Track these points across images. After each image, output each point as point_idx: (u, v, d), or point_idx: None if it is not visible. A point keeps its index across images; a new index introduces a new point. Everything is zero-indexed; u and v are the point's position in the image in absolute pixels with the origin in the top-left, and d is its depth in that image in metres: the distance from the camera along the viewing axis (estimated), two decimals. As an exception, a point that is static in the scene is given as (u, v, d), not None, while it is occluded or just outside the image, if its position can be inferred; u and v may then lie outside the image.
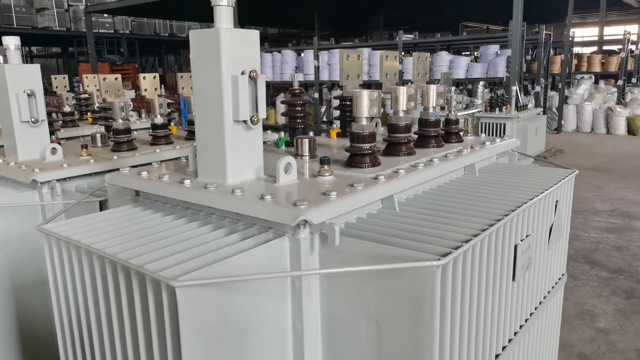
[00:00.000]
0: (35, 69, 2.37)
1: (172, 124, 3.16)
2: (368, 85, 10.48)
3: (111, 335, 1.36)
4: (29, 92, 2.33)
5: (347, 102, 2.47)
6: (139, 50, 19.94)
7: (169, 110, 2.82)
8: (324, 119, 12.33)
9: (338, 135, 2.53)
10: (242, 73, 1.48)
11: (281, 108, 11.26)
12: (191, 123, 2.99)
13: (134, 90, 5.14)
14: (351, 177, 1.60)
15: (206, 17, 17.34)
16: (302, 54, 12.48)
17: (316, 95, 11.91)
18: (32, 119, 2.35)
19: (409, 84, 2.31)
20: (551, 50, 13.66)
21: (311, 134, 2.27)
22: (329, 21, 16.64)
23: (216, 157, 1.55)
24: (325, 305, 1.41)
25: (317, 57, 11.71)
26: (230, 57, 1.46)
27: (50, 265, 1.50)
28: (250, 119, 1.52)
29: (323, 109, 12.41)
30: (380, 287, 1.29)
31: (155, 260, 1.22)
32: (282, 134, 2.35)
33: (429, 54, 2.22)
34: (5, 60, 2.38)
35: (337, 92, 10.91)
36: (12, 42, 2.32)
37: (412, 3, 14.54)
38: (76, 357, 1.52)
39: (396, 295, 1.26)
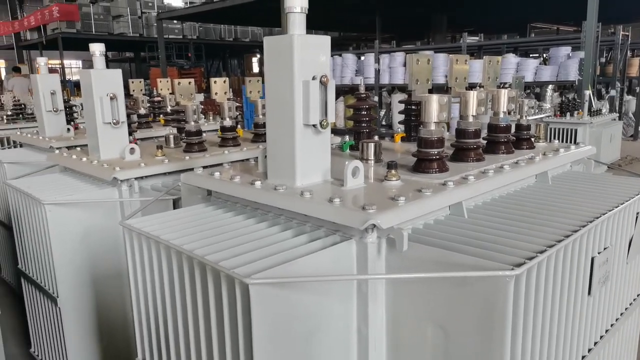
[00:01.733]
0: (117, 73, 2.54)
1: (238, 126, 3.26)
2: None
3: (185, 326, 1.44)
4: (111, 95, 2.49)
5: (412, 107, 2.45)
6: (205, 54, 20.76)
7: (237, 113, 2.92)
8: (383, 123, 12.24)
9: (402, 139, 2.52)
10: (313, 78, 1.52)
11: (340, 111, 11.31)
12: (257, 126, 3.08)
13: (202, 94, 5.35)
14: (418, 183, 1.59)
15: (269, 22, 17.75)
16: (363, 57, 12.47)
17: (376, 98, 11.86)
18: (114, 121, 2.52)
19: (477, 88, 2.25)
20: (628, 52, 12.83)
21: (376, 138, 2.28)
22: (390, 24, 16.50)
23: (286, 159, 1.59)
24: (391, 310, 1.41)
25: (377, 61, 11.66)
26: (302, 62, 1.50)
27: (130, 258, 1.59)
28: (320, 123, 1.55)
29: (382, 113, 12.34)
30: (448, 295, 1.27)
31: (229, 257, 1.27)
32: (347, 137, 2.37)
33: (499, 57, 2.16)
34: (88, 65, 2.56)
35: (397, 96, 10.81)
36: (97, 49, 2.50)
37: (477, 4, 14.16)
38: (152, 346, 1.61)
39: (465, 304, 1.24)
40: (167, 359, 1.55)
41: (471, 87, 2.01)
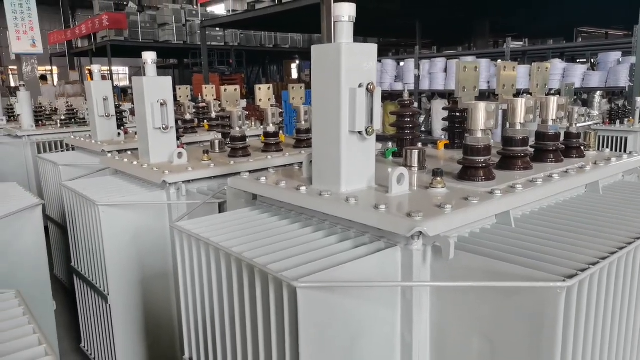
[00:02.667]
0: (167, 81, 2.63)
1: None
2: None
3: (232, 327, 1.48)
4: (161, 101, 2.59)
5: (457, 114, 2.43)
6: (245, 61, 21.17)
7: (280, 119, 2.97)
8: (423, 129, 12.12)
9: (446, 146, 2.50)
10: (360, 85, 1.53)
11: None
12: (299, 132, 3.12)
13: (244, 100, 5.46)
14: (465, 191, 1.58)
15: (309, 29, 17.93)
16: (402, 63, 12.40)
17: (415, 105, 11.75)
18: (163, 126, 2.61)
19: (523, 94, 2.21)
20: (685, 56, 12.19)
21: (419, 145, 2.27)
22: (430, 29, 16.33)
23: (331, 166, 1.61)
24: (436, 318, 1.40)
25: (417, 66, 11.56)
26: (349, 70, 1.52)
27: (180, 259, 1.65)
28: (366, 130, 1.57)
29: (422, 119, 12.22)
30: (495, 305, 1.26)
31: (276, 261, 1.30)
32: (390, 144, 2.37)
33: (548, 63, 2.12)
34: (134, 72, 2.66)
35: (438, 102, 10.67)
36: (149, 57, 2.61)
37: (521, 8, 13.83)
38: (199, 346, 1.66)
39: (513, 315, 1.22)
40: (213, 358, 1.59)
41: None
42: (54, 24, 25.74)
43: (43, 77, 17.13)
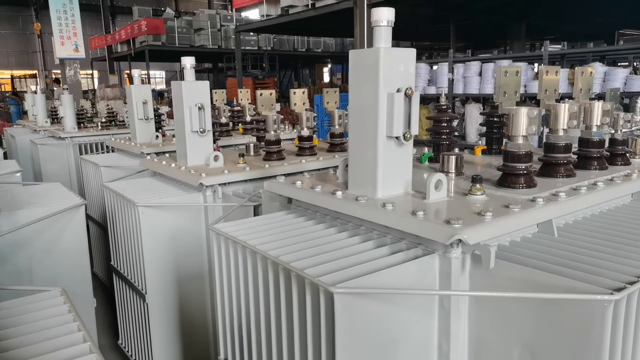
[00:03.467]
0: (205, 85, 2.68)
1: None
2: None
3: (268, 329, 1.49)
4: (199, 105, 2.64)
5: (495, 119, 2.39)
6: (278, 64, 21.40)
7: (315, 123, 2.98)
8: (456, 134, 11.94)
9: (483, 152, 2.45)
10: (398, 90, 1.52)
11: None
12: (333, 136, 3.12)
13: (278, 103, 5.50)
14: (505, 198, 1.54)
15: (341, 32, 17.95)
16: (435, 67, 12.26)
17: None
18: (201, 129, 2.66)
19: (566, 100, 2.15)
20: None
21: (456, 150, 2.24)
22: (464, 32, 16.10)
23: (368, 171, 1.60)
24: (474, 328, 1.37)
25: (451, 70, 11.41)
26: (387, 75, 1.51)
27: (217, 260, 1.67)
28: (403, 135, 1.55)
29: (454, 123, 12.04)
30: (538, 317, 1.22)
31: (313, 265, 1.30)
32: (426, 149, 2.35)
33: (591, 68, 2.05)
34: (170, 76, 2.72)
35: (472, 106, 10.50)
36: (188, 62, 2.66)
37: (559, 10, 13.47)
38: (234, 346, 1.68)
39: (556, 327, 1.18)
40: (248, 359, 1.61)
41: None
42: (95, 29, 26.67)
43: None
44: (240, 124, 4.38)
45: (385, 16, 1.51)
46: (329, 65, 27.78)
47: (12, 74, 27.51)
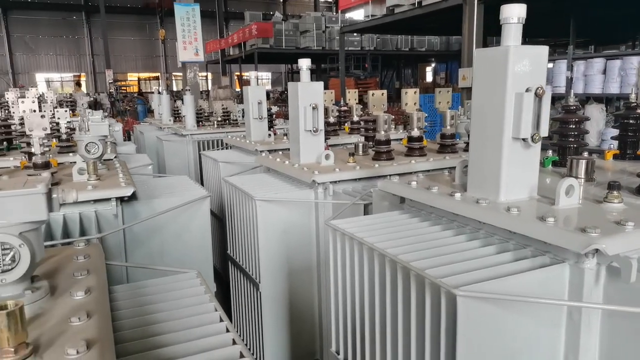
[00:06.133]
0: (319, 86, 2.77)
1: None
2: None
3: (382, 326, 1.50)
4: (313, 105, 2.73)
5: (630, 121, 2.18)
6: (380, 64, 21.35)
7: (426, 124, 2.94)
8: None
9: (614, 156, 2.25)
10: (527, 90, 1.46)
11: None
12: (444, 137, 3.06)
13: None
14: (647, 207, 1.41)
15: (447, 30, 17.40)
16: (551, 65, 11.41)
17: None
18: (314, 129, 2.75)
19: None
20: None
21: (585, 154, 2.08)
22: (586, 27, 14.80)
23: (490, 173, 1.55)
24: (607, 345, 1.27)
25: (570, 68, 10.55)
26: (516, 74, 1.45)
27: (332, 255, 1.73)
28: (531, 137, 1.48)
29: (584, 125, 11.11)
30: (689, 340, 1.10)
31: (433, 266, 1.30)
32: (550, 152, 2.21)
33: None
34: (276, 78, 2.83)
35: (593, 107, 9.64)
36: (305, 64, 2.77)
37: None
38: (346, 340, 1.72)
39: None
40: (361, 354, 1.64)
41: None
42: (210, 34, 28.62)
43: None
44: (347, 124, 4.46)
45: (516, 13, 1.46)
46: (432, 65, 27.07)
47: (139, 77, 30.52)
